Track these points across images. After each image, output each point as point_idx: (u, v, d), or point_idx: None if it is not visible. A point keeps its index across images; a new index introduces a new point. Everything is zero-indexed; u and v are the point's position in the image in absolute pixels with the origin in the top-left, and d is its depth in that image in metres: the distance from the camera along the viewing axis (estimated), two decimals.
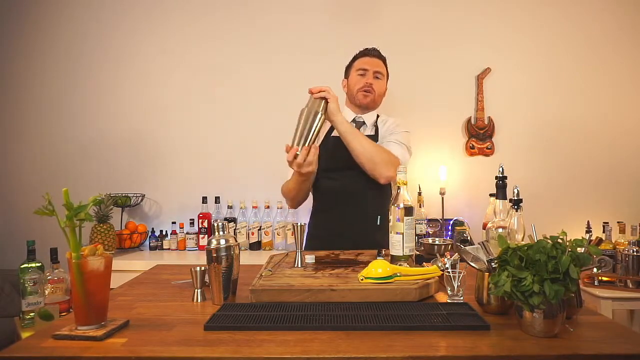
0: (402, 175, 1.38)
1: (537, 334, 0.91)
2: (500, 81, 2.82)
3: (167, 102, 2.90)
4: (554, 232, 0.96)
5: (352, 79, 1.94)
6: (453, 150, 2.85)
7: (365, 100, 1.89)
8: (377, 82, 1.91)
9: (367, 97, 1.89)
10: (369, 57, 1.94)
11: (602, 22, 2.81)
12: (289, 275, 1.27)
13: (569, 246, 0.92)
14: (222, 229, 1.18)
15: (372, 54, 1.95)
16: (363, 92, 1.89)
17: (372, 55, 1.95)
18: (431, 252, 1.43)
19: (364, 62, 1.93)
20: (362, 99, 1.89)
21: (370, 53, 1.96)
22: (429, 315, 1.01)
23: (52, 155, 2.91)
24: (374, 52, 1.96)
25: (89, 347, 0.90)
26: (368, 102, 1.90)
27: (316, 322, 0.98)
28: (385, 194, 1.82)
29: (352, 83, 1.94)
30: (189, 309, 1.15)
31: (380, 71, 1.93)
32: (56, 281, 1.65)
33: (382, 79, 1.95)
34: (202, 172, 2.88)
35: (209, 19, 2.88)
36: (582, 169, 2.81)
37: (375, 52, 1.97)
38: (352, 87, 1.93)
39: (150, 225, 2.85)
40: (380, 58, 1.96)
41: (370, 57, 1.94)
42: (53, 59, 2.91)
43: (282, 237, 2.69)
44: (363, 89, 1.89)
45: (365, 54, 1.96)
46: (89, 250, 0.98)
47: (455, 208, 2.78)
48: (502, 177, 1.23)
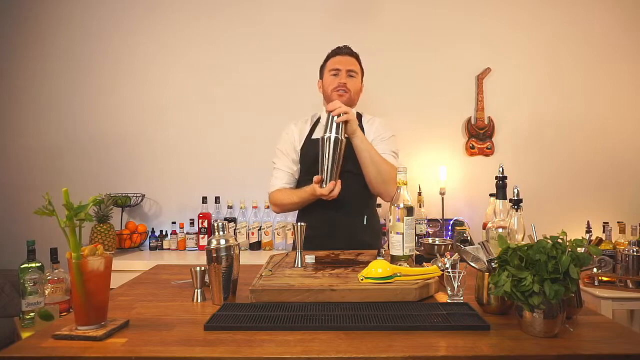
0: (402, 175, 1.38)
1: (537, 334, 0.91)
2: (500, 81, 2.82)
3: (167, 102, 2.90)
4: (554, 232, 0.96)
5: (326, 80, 1.92)
6: (453, 150, 2.85)
7: (340, 100, 1.86)
8: (351, 81, 1.89)
9: (342, 96, 1.87)
10: (341, 56, 1.91)
11: (602, 22, 2.81)
12: (289, 275, 1.27)
13: (569, 246, 0.92)
14: (222, 229, 1.18)
15: (344, 52, 1.91)
16: (338, 92, 1.87)
17: (343, 53, 1.91)
18: (431, 252, 1.43)
19: (336, 62, 1.90)
20: (338, 99, 1.86)
21: (342, 51, 1.92)
22: (429, 315, 1.01)
23: (52, 155, 2.91)
24: (346, 50, 1.93)
25: (89, 347, 0.90)
26: (344, 102, 1.87)
27: (316, 322, 0.98)
28: (369, 193, 1.84)
29: (326, 84, 1.92)
30: (189, 309, 1.15)
31: (354, 69, 1.90)
32: (56, 281, 1.65)
33: (356, 76, 1.91)
34: (202, 172, 2.88)
35: (208, 19, 2.88)
36: (582, 168, 2.81)
37: (347, 49, 1.93)
38: (326, 88, 1.91)
39: (150, 225, 2.85)
40: (353, 55, 1.93)
41: (342, 55, 1.91)
42: (53, 59, 2.91)
43: (282, 237, 2.69)
44: (337, 89, 1.87)
45: (337, 52, 1.92)
46: (89, 250, 0.98)
47: (455, 208, 2.78)
48: (502, 177, 1.22)
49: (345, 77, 1.88)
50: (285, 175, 1.90)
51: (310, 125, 1.95)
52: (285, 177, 1.90)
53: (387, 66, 2.83)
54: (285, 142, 1.93)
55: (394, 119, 2.73)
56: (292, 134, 1.93)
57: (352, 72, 1.89)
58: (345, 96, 1.87)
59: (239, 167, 2.86)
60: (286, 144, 1.92)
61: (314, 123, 1.96)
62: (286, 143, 1.92)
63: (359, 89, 1.94)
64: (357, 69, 1.92)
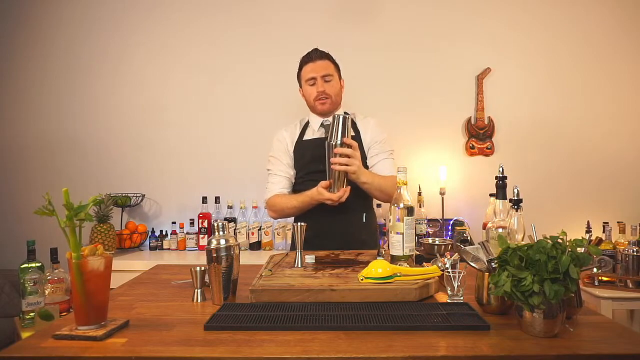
0: (402, 175, 1.38)
1: (537, 334, 0.91)
2: (500, 81, 2.82)
3: (167, 102, 2.90)
4: (554, 232, 0.96)
5: (305, 90, 1.93)
6: (453, 150, 2.85)
7: (324, 107, 1.89)
8: (329, 86, 1.88)
9: (324, 104, 1.89)
10: (313, 63, 1.89)
11: (602, 22, 2.81)
12: (289, 275, 1.27)
13: (569, 246, 0.92)
14: (222, 229, 1.18)
15: (315, 58, 1.90)
16: (320, 101, 1.88)
17: (314, 59, 1.89)
18: (431, 252, 1.43)
19: (309, 70, 1.89)
20: (321, 107, 1.89)
21: (312, 58, 1.90)
22: (429, 315, 1.01)
23: (52, 155, 2.91)
24: (316, 54, 1.90)
25: (89, 347, 0.90)
26: (328, 108, 1.91)
27: (316, 322, 0.98)
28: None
29: (306, 94, 1.93)
30: (189, 309, 1.15)
31: (328, 72, 1.88)
32: (56, 281, 1.65)
33: (333, 79, 1.90)
34: (202, 172, 2.88)
35: (208, 19, 2.88)
36: (582, 168, 2.81)
37: (317, 54, 1.91)
38: (308, 98, 1.92)
39: (150, 225, 2.85)
40: (324, 57, 1.91)
41: (314, 61, 1.89)
42: (53, 59, 2.91)
43: (282, 237, 2.69)
44: (318, 98, 1.88)
45: (308, 60, 1.91)
46: (89, 250, 0.98)
47: (455, 208, 2.78)
48: (502, 177, 1.22)
49: (322, 84, 1.87)
50: (281, 179, 1.91)
51: (300, 129, 1.97)
52: (282, 181, 1.91)
53: (387, 66, 2.83)
54: (278, 148, 1.95)
55: (394, 118, 2.75)
56: (283, 139, 1.95)
57: (327, 77, 1.88)
58: (327, 102, 1.89)
59: (239, 167, 2.86)
60: (279, 150, 1.94)
61: (303, 126, 1.98)
62: (279, 148, 1.94)
63: (339, 89, 1.95)
64: (332, 70, 1.91)
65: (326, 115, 1.93)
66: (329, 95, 1.88)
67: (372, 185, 1.75)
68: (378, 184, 1.77)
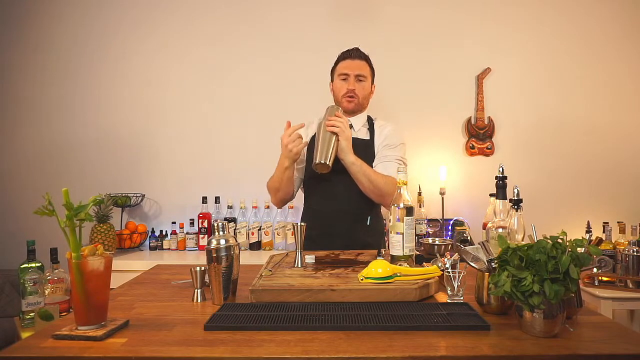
0: (402, 175, 1.38)
1: (537, 334, 0.91)
2: (500, 81, 2.82)
3: (167, 101, 2.90)
4: (554, 232, 0.96)
5: (335, 85, 1.93)
6: (453, 150, 2.85)
7: (349, 105, 1.89)
8: (359, 86, 1.89)
9: (351, 102, 1.89)
10: (350, 60, 1.90)
11: (602, 22, 2.81)
12: (289, 275, 1.27)
13: (569, 246, 0.92)
14: (222, 229, 1.18)
15: (354, 56, 1.90)
16: (347, 98, 1.88)
17: (353, 57, 1.90)
18: (431, 252, 1.43)
19: (345, 67, 1.90)
20: (347, 104, 1.89)
21: (351, 55, 1.91)
22: (429, 315, 1.01)
23: (52, 155, 2.91)
24: (355, 53, 1.91)
25: (89, 347, 0.90)
26: (353, 107, 1.90)
27: (316, 322, 0.98)
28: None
29: (336, 89, 1.93)
30: (189, 309, 1.15)
31: (363, 74, 1.89)
32: (56, 281, 1.65)
33: (366, 80, 1.91)
34: (202, 172, 2.88)
35: (208, 19, 2.88)
36: (582, 168, 2.81)
37: (357, 53, 1.92)
38: (336, 93, 1.93)
39: (150, 225, 2.85)
40: (362, 58, 1.92)
41: (352, 59, 1.90)
42: (53, 58, 2.91)
43: (282, 237, 2.69)
44: (346, 95, 1.88)
45: (346, 56, 1.91)
46: (89, 250, 0.98)
47: (455, 208, 2.78)
48: (502, 177, 1.23)
49: (353, 83, 1.88)
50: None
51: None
52: None
53: (387, 66, 2.81)
54: None
55: (394, 119, 2.73)
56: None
57: (361, 77, 1.89)
58: (353, 102, 1.89)
59: (239, 167, 2.86)
60: None
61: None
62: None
63: (368, 93, 1.94)
64: (367, 72, 1.92)
65: (350, 113, 1.91)
66: (356, 96, 1.88)
67: (360, 170, 1.71)
68: (367, 173, 1.72)
